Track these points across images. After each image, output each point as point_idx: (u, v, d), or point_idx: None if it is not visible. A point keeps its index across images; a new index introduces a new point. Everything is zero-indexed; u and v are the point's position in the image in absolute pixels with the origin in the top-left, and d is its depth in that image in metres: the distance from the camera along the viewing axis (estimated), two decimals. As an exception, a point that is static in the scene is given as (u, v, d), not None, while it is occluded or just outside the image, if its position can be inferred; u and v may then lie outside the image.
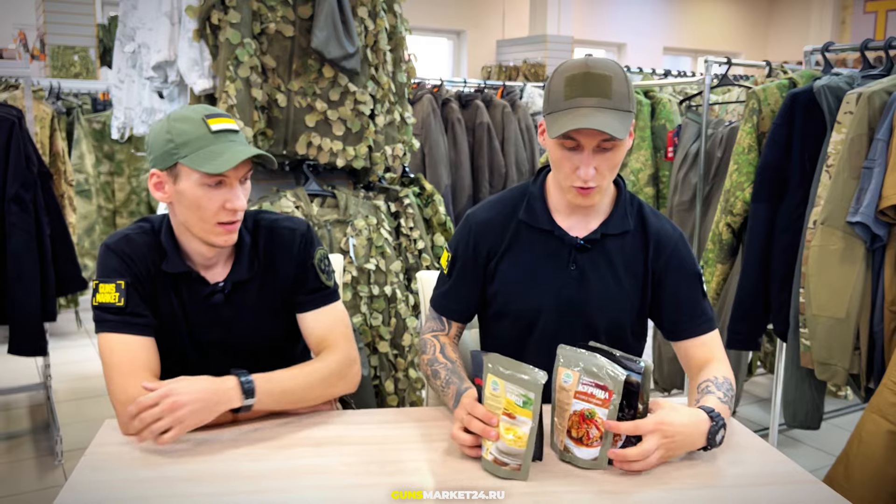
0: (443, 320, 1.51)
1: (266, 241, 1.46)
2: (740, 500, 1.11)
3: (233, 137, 1.33)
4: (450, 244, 1.50)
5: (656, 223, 1.43)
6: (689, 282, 1.42)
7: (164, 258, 1.39)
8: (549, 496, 1.10)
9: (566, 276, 1.41)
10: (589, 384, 1.17)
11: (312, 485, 1.12)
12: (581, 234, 1.41)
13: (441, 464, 1.19)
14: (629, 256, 1.41)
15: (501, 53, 9.25)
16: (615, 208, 1.42)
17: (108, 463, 1.18)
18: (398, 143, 2.63)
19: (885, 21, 9.69)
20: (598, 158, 1.29)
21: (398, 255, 2.59)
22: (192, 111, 1.34)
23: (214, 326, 1.44)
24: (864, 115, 1.98)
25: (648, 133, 3.47)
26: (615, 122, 1.25)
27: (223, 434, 1.27)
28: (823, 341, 2.05)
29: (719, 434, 1.20)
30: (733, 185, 2.45)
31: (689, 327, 1.42)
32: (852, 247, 1.98)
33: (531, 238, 1.43)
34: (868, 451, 1.78)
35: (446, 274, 1.50)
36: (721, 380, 1.33)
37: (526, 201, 1.45)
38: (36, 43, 6.55)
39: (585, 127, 1.23)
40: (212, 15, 2.22)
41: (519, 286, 1.43)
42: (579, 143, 1.28)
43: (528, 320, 1.44)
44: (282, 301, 1.48)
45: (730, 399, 1.30)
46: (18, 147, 2.54)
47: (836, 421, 3.23)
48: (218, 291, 1.42)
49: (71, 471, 1.14)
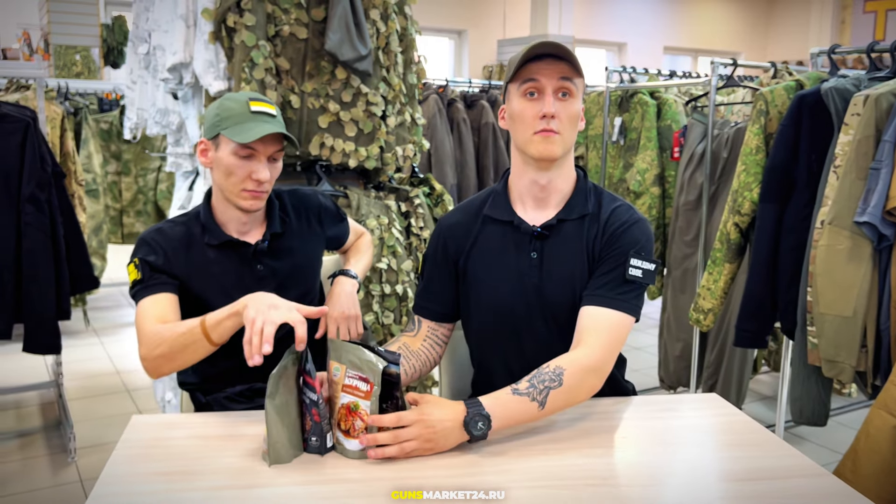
0: (415, 320, 1.59)
1: (291, 200, 1.72)
2: (752, 493, 1.12)
3: (268, 119, 1.52)
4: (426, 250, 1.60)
5: (613, 207, 1.46)
6: (615, 258, 1.41)
7: (206, 233, 1.58)
8: (550, 495, 1.10)
9: (528, 264, 1.46)
10: (354, 377, 1.19)
11: (333, 479, 1.14)
12: (540, 222, 1.46)
13: (441, 464, 1.19)
14: (587, 239, 1.44)
15: (503, 53, 9.27)
16: (574, 194, 1.47)
17: (139, 457, 1.20)
18: (409, 144, 2.66)
19: (884, 21, 9.72)
20: (557, 104, 1.37)
21: (409, 255, 2.62)
22: (242, 94, 1.56)
23: (266, 282, 1.60)
24: (871, 117, 2.01)
25: (654, 133, 3.50)
26: (570, 59, 1.36)
27: (246, 430, 1.30)
28: (831, 339, 2.08)
29: (477, 424, 1.20)
30: (741, 185, 2.48)
31: (587, 294, 1.40)
32: (859, 246, 2.02)
33: (495, 231, 1.50)
34: (875, 447, 1.81)
35: (420, 274, 1.61)
36: (550, 367, 1.29)
37: (492, 197, 1.53)
38: (40, 43, 6.56)
39: (547, 52, 1.35)
40: (227, 17, 2.25)
41: (485, 277, 1.49)
42: (539, 88, 1.37)
43: (498, 311, 1.48)
44: (320, 247, 1.75)
45: (538, 391, 1.26)
46: (33, 148, 2.57)
47: (841, 418, 3.26)
48: (260, 246, 1.60)
49: (84, 468, 1.17)
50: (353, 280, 1.74)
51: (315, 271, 1.76)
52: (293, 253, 1.67)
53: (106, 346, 4.34)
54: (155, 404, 3.15)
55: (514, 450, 1.23)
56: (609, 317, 1.37)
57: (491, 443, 1.25)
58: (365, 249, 1.89)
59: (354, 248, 1.89)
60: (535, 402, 1.25)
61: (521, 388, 1.26)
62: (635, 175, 3.44)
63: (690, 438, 1.33)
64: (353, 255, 1.86)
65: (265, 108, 1.53)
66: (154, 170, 4.60)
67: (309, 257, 1.73)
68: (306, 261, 1.72)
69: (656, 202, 3.47)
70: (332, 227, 1.80)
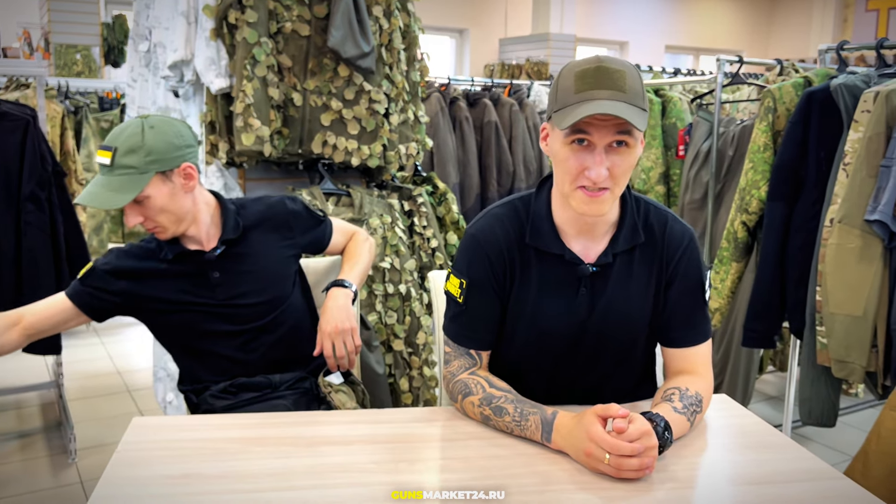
0: (472, 354, 1.37)
1: (254, 207, 1.73)
2: (764, 496, 1.10)
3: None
4: (457, 268, 1.37)
5: (663, 226, 1.36)
6: (692, 290, 1.36)
7: (162, 250, 1.64)
8: (550, 495, 1.09)
9: (577, 302, 1.33)
10: None
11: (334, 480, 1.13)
12: (590, 256, 1.33)
13: (441, 464, 1.18)
14: (639, 270, 1.34)
15: (504, 52, 9.26)
16: (622, 222, 1.33)
17: (140, 459, 1.18)
18: (412, 142, 2.64)
19: (887, 19, 9.69)
20: (610, 158, 1.19)
21: (412, 254, 2.60)
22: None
23: (221, 289, 1.65)
24: (881, 114, 1.98)
25: (659, 131, 3.48)
26: (632, 112, 1.15)
27: (249, 432, 1.28)
28: (840, 339, 2.05)
29: (664, 436, 1.16)
30: (749, 183, 2.45)
31: (679, 336, 1.37)
32: (870, 245, 1.99)
33: (540, 261, 1.34)
34: (887, 448, 1.79)
35: (461, 302, 1.35)
36: (691, 392, 1.28)
37: (531, 222, 1.34)
38: (40, 42, 6.55)
39: (601, 112, 1.13)
40: (229, 14, 2.22)
41: (528, 312, 1.35)
42: (590, 140, 1.18)
43: (536, 345, 1.37)
44: (290, 253, 1.76)
45: (690, 412, 1.25)
46: (34, 146, 2.55)
47: (848, 419, 3.24)
48: (209, 255, 1.64)
49: (85, 469, 1.15)
50: (346, 290, 1.70)
51: (285, 279, 1.73)
52: (254, 259, 1.67)
53: (106, 346, 4.32)
54: (156, 404, 3.13)
55: (515, 450, 1.22)
56: (708, 347, 1.40)
57: (491, 443, 1.24)
58: (360, 252, 1.84)
59: (348, 254, 1.85)
60: (689, 423, 1.26)
61: (679, 408, 1.25)
62: (640, 173, 3.41)
63: (700, 440, 1.31)
64: (348, 262, 1.82)
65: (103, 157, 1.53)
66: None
67: (275, 265, 1.71)
68: (271, 268, 1.70)
69: (661, 201, 3.45)
70: (306, 233, 1.78)
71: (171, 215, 1.58)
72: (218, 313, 1.65)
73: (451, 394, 1.36)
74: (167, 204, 1.56)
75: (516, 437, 1.25)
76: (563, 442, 1.18)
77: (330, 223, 1.84)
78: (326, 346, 1.63)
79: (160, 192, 1.55)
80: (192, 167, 1.60)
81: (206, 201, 1.67)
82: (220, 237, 1.65)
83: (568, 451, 1.17)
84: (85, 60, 6.41)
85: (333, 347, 1.63)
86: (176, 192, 1.57)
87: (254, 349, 1.67)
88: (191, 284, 1.63)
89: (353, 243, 1.87)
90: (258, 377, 1.66)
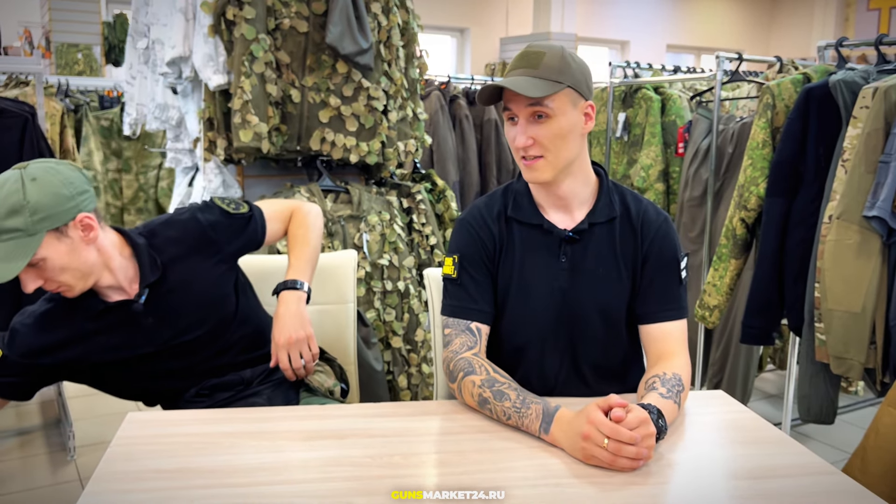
0: (471, 328, 1.40)
1: (166, 233, 1.56)
2: (761, 491, 1.10)
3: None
4: (449, 251, 1.45)
5: (639, 207, 1.43)
6: (666, 267, 1.42)
7: (86, 302, 1.49)
8: (551, 495, 1.08)
9: (557, 269, 1.41)
10: None
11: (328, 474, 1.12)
12: (568, 226, 1.41)
13: (441, 464, 1.17)
14: (619, 243, 1.42)
15: (505, 51, 9.26)
16: (599, 197, 1.42)
17: (132, 455, 1.18)
18: (410, 139, 2.64)
19: (888, 18, 9.68)
20: (532, 128, 1.32)
21: (411, 251, 2.60)
22: None
23: (160, 333, 1.52)
24: (880, 110, 1.98)
25: (659, 129, 3.47)
26: (531, 86, 1.28)
27: (244, 426, 1.28)
28: (839, 335, 2.05)
29: (659, 423, 1.18)
30: (747, 180, 2.45)
31: (653, 311, 1.41)
32: (868, 241, 1.99)
33: (521, 233, 1.43)
34: (885, 444, 1.78)
35: (456, 277, 1.42)
36: (669, 375, 1.31)
37: (513, 198, 1.45)
38: (41, 40, 6.55)
39: (501, 85, 1.29)
40: (227, 10, 2.22)
41: (513, 282, 1.42)
42: (514, 114, 1.33)
43: (525, 315, 1.43)
44: (223, 267, 1.59)
45: (675, 394, 1.29)
46: (32, 143, 2.55)
47: (847, 417, 3.23)
48: (136, 306, 1.49)
49: (84, 466, 1.15)
50: (297, 293, 1.55)
51: (225, 298, 1.59)
52: (185, 291, 1.53)
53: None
54: (155, 402, 3.12)
55: (514, 449, 1.21)
56: (683, 326, 1.43)
57: (491, 443, 1.23)
58: (303, 234, 1.65)
59: (291, 240, 1.66)
60: (676, 404, 1.28)
61: (664, 393, 1.28)
62: (639, 171, 3.41)
63: (698, 436, 1.31)
64: (293, 251, 1.64)
65: None
66: (155, 167, 4.57)
67: (209, 289, 1.56)
68: (206, 293, 1.55)
69: (660, 198, 3.44)
70: (233, 240, 1.59)
71: (74, 272, 1.40)
72: (164, 355, 1.53)
73: (450, 374, 1.37)
74: (68, 262, 1.38)
75: (511, 431, 1.25)
76: (560, 434, 1.18)
77: (259, 215, 1.65)
78: (282, 359, 1.51)
79: (57, 251, 1.36)
80: (90, 216, 1.41)
81: (113, 243, 1.48)
82: (139, 281, 1.49)
83: (564, 443, 1.18)
84: (86, 59, 6.42)
85: (290, 358, 1.52)
86: (76, 246, 1.39)
87: (216, 366, 1.58)
88: (125, 338, 1.49)
89: (294, 225, 1.68)
90: (229, 375, 1.59)
